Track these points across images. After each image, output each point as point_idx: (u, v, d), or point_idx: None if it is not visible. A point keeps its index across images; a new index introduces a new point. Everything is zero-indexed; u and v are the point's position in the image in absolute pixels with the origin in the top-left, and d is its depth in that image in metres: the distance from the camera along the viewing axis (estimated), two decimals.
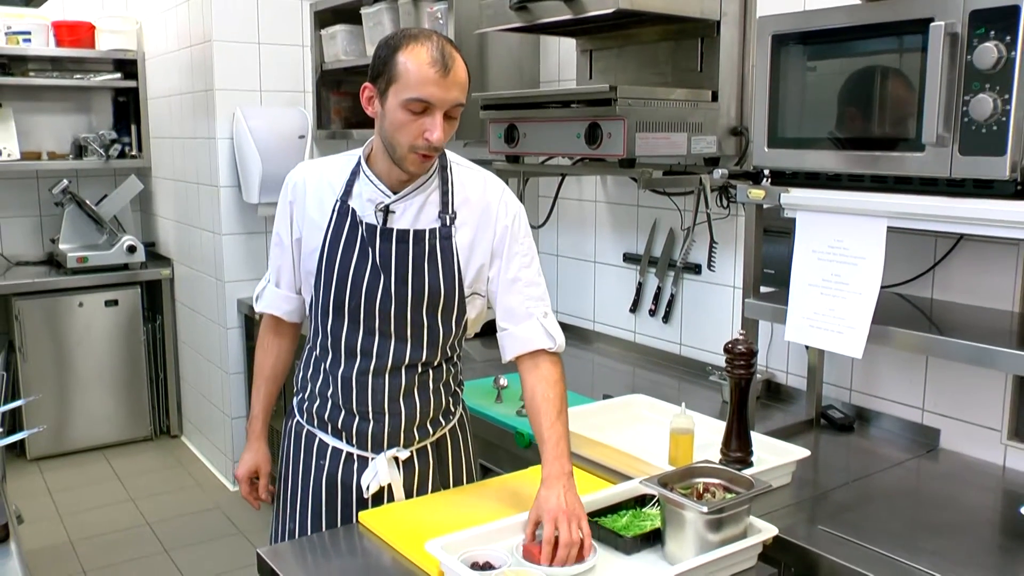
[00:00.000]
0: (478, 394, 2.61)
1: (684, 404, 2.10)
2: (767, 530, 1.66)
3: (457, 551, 1.57)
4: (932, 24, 1.70)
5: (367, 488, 1.87)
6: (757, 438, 2.07)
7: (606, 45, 3.04)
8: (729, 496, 1.65)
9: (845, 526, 1.79)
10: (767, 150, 2.09)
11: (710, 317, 2.95)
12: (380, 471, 1.86)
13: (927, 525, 1.84)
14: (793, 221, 2.07)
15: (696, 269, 2.98)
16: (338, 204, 1.83)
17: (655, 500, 1.76)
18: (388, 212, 1.80)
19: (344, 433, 1.89)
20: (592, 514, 1.73)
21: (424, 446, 1.93)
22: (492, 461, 2.47)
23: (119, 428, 4.93)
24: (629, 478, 1.94)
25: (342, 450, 1.90)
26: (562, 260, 3.56)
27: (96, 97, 5.21)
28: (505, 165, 2.94)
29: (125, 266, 4.85)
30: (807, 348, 2.45)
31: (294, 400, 2.00)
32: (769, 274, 2.47)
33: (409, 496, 1.91)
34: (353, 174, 1.84)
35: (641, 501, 1.81)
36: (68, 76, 4.96)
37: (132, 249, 4.82)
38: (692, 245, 2.98)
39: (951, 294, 2.25)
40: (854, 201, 1.93)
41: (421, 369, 1.87)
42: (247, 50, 4.09)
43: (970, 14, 1.67)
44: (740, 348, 2.00)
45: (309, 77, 4.25)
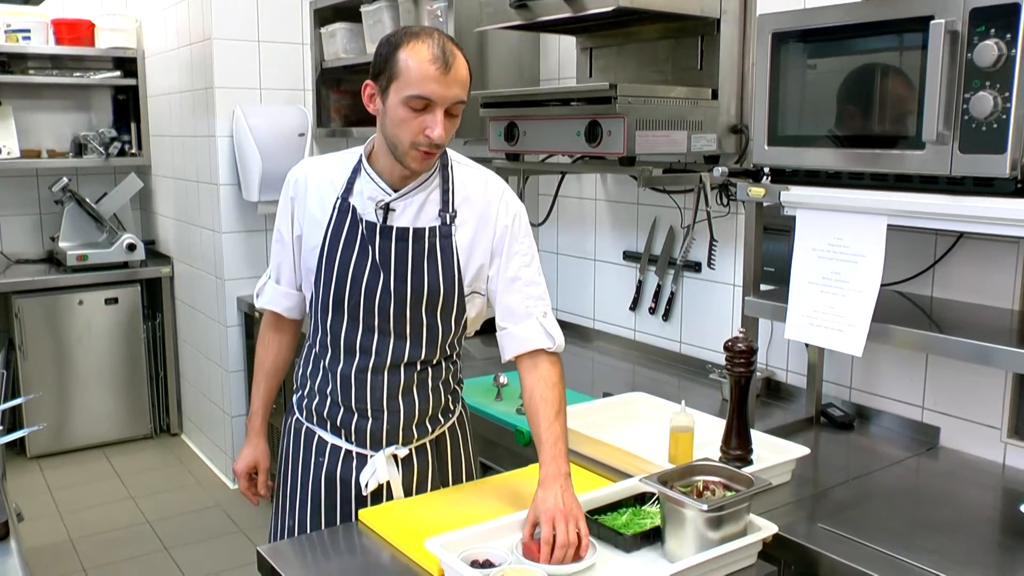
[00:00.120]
0: (478, 392, 2.61)
1: (684, 402, 2.10)
2: (767, 528, 1.66)
3: (457, 549, 1.57)
4: (932, 22, 1.70)
5: (366, 486, 1.87)
6: (757, 436, 2.07)
7: (606, 43, 3.04)
8: (729, 494, 1.65)
9: (845, 524, 1.79)
10: (767, 148, 2.09)
11: (710, 315, 2.95)
12: (379, 469, 1.86)
13: (927, 523, 1.84)
14: (793, 219, 2.07)
15: (696, 267, 2.98)
16: (339, 201, 1.83)
17: (655, 498, 1.76)
18: (388, 210, 1.80)
19: (343, 430, 1.89)
20: (592, 512, 1.74)
21: (423, 444, 1.93)
22: (492, 459, 2.47)
23: (119, 426, 4.94)
24: (629, 476, 1.95)
25: (341, 447, 1.90)
26: (562, 258, 3.56)
27: (96, 95, 5.20)
28: (505, 163, 2.94)
29: (125, 264, 4.85)
30: (807, 346, 2.45)
31: (293, 397, 2.01)
32: (769, 272, 2.48)
33: (408, 494, 1.91)
34: (354, 172, 1.84)
35: (641, 499, 1.81)
36: (68, 74, 4.96)
37: (132, 247, 4.82)
38: (692, 243, 2.98)
39: (951, 292, 2.25)
40: (854, 199, 1.93)
41: (420, 367, 1.87)
42: (247, 48, 4.09)
43: (970, 12, 1.67)
44: (740, 346, 2.00)
45: (309, 75, 4.25)
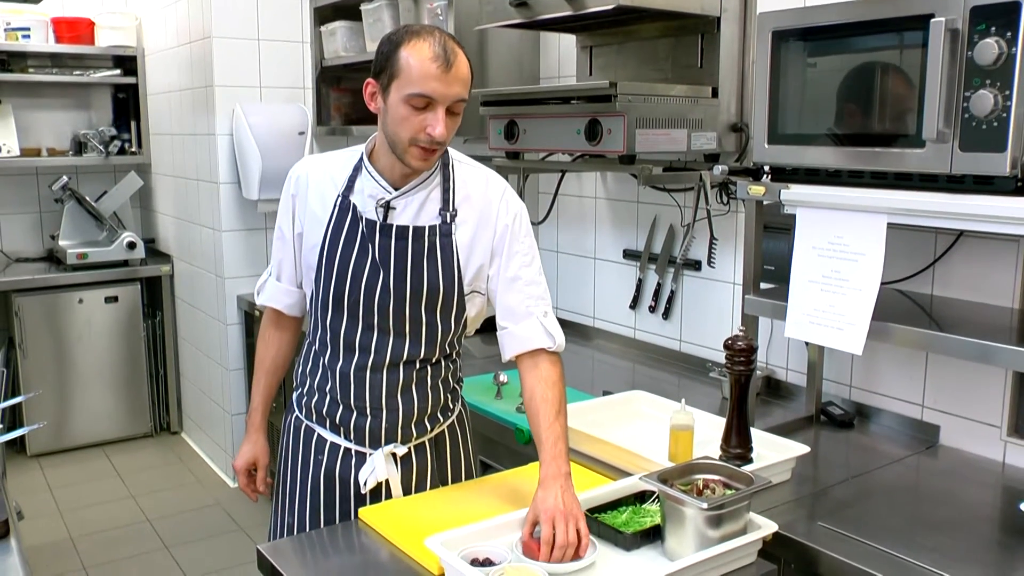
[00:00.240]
0: (478, 390, 2.61)
1: (684, 400, 2.10)
2: (767, 526, 1.66)
3: (457, 547, 1.57)
4: (933, 20, 1.70)
5: (364, 484, 1.87)
6: (757, 434, 2.07)
7: (606, 41, 3.04)
8: (729, 492, 1.65)
9: (845, 522, 1.79)
10: (767, 146, 2.09)
11: (710, 313, 2.95)
12: (377, 467, 1.86)
13: (927, 521, 1.84)
14: (793, 217, 2.07)
15: (696, 265, 2.98)
16: (340, 199, 1.83)
17: (655, 496, 1.76)
18: (389, 208, 1.80)
19: (342, 428, 1.89)
20: (592, 510, 1.73)
21: (422, 443, 1.93)
22: (492, 457, 2.47)
23: (119, 424, 4.94)
24: (629, 474, 1.95)
25: (340, 446, 1.90)
26: (562, 256, 3.56)
27: (96, 93, 5.20)
28: (505, 161, 2.93)
29: (125, 262, 4.85)
30: (807, 344, 2.45)
31: (293, 395, 2.01)
32: (769, 270, 2.48)
33: (407, 492, 1.91)
34: (355, 170, 1.84)
35: (641, 497, 1.81)
36: (68, 72, 4.96)
37: (132, 245, 4.82)
38: (692, 241, 2.98)
39: (951, 290, 2.25)
40: (854, 197, 1.93)
41: (419, 365, 1.87)
42: (247, 46, 4.09)
43: (971, 10, 1.67)
44: (740, 344, 2.00)
45: (309, 73, 4.25)
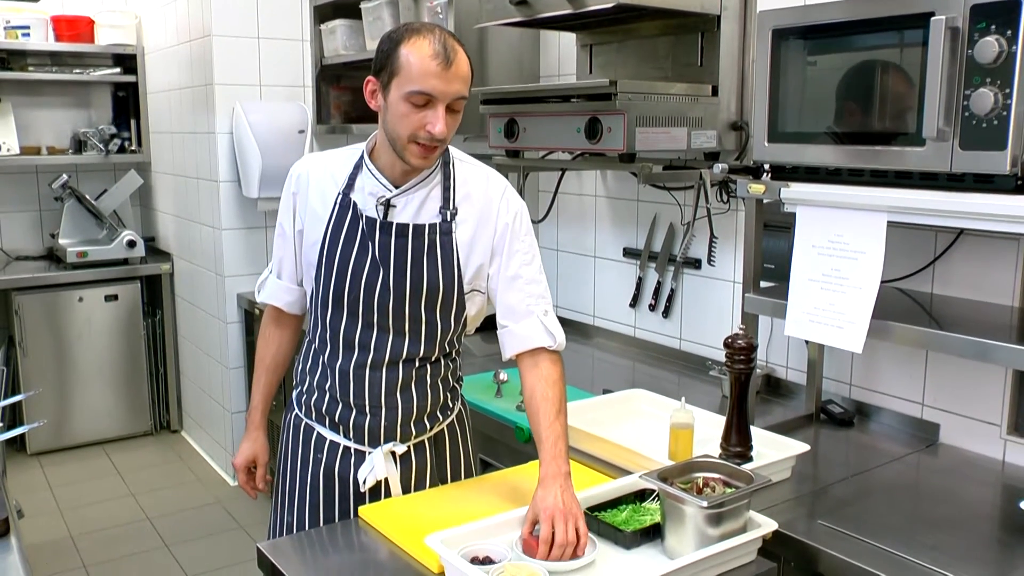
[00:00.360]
0: (478, 389, 2.61)
1: (684, 399, 2.10)
2: (767, 524, 1.66)
3: (457, 545, 1.57)
4: (933, 18, 1.70)
5: (363, 482, 1.87)
6: (757, 433, 2.07)
7: (606, 40, 3.03)
8: (729, 491, 1.65)
9: (845, 521, 1.79)
10: (767, 145, 2.09)
11: (710, 312, 2.95)
12: (377, 466, 1.86)
13: (926, 520, 1.84)
14: (793, 216, 2.07)
15: (696, 264, 2.98)
16: (340, 197, 1.83)
17: (655, 495, 1.76)
18: (389, 206, 1.80)
19: (341, 427, 1.89)
20: (592, 508, 1.73)
21: (422, 441, 1.93)
22: (492, 456, 2.47)
23: (119, 423, 4.94)
24: (629, 473, 1.95)
25: (339, 444, 1.90)
26: (562, 255, 3.56)
27: (95, 92, 5.19)
28: (505, 160, 2.93)
29: (125, 261, 4.85)
30: (807, 343, 2.45)
31: (293, 393, 2.01)
32: (769, 269, 2.47)
33: (407, 491, 1.91)
34: (356, 167, 1.84)
35: (641, 496, 1.81)
36: (67, 71, 4.96)
37: (132, 244, 4.82)
38: (692, 240, 2.98)
39: (951, 289, 2.25)
40: (854, 196, 1.93)
41: (419, 364, 1.87)
42: (247, 45, 4.09)
43: (971, 8, 1.67)
44: (740, 343, 2.00)
45: (309, 72, 4.24)
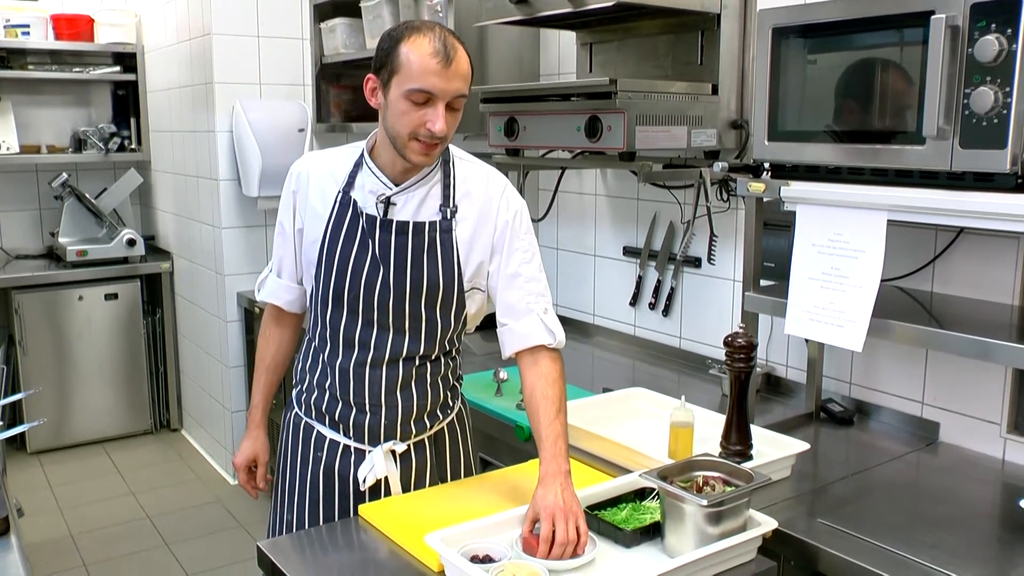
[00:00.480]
0: (478, 387, 2.61)
1: (684, 397, 2.10)
2: (767, 523, 1.66)
3: (457, 544, 1.57)
4: (933, 17, 1.70)
5: (363, 481, 1.87)
6: (757, 431, 2.07)
7: (606, 38, 3.03)
8: (729, 489, 1.65)
9: (844, 519, 1.79)
10: (767, 143, 2.09)
11: (710, 310, 2.95)
12: (376, 464, 1.86)
13: (926, 518, 1.84)
14: (793, 214, 2.07)
15: (696, 262, 2.98)
16: (340, 195, 1.83)
17: (655, 493, 1.76)
18: (389, 204, 1.80)
19: (341, 425, 1.89)
20: (592, 507, 1.73)
21: (421, 440, 1.93)
22: (492, 454, 2.47)
23: (119, 421, 4.94)
24: (629, 471, 1.95)
25: (339, 442, 1.90)
26: (562, 253, 3.56)
27: (95, 90, 5.19)
28: (505, 158, 2.93)
29: (125, 259, 4.85)
30: (807, 341, 2.45)
31: (293, 392, 2.01)
32: (769, 267, 2.47)
33: (407, 490, 1.91)
34: (356, 166, 1.84)
35: (641, 494, 1.81)
36: (67, 69, 4.95)
37: (132, 242, 4.82)
38: (692, 238, 2.98)
39: (951, 288, 2.25)
40: (854, 194, 1.93)
41: (419, 362, 1.87)
42: (247, 43, 4.08)
43: (971, 7, 1.67)
44: (740, 341, 2.00)
45: (309, 70, 4.24)
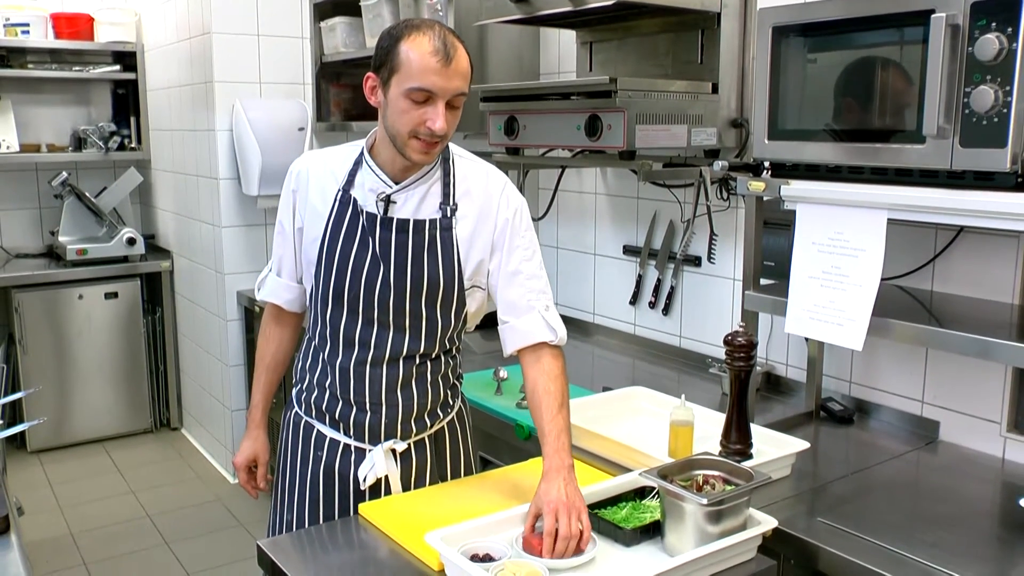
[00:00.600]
0: (478, 386, 2.61)
1: (684, 396, 2.10)
2: (766, 522, 1.66)
3: (457, 543, 1.57)
4: (933, 16, 1.70)
5: (363, 480, 1.87)
6: (757, 430, 2.07)
7: (606, 37, 3.03)
8: (729, 488, 1.65)
9: (844, 518, 1.79)
10: (767, 142, 2.09)
11: (710, 309, 2.95)
12: (377, 463, 1.86)
13: (926, 517, 1.84)
14: (793, 213, 2.07)
15: (696, 261, 2.98)
16: (340, 193, 1.83)
17: (655, 492, 1.76)
18: (389, 202, 1.80)
19: (341, 424, 1.89)
20: (592, 506, 1.73)
21: (422, 439, 1.93)
22: (492, 453, 2.47)
23: (119, 420, 4.94)
24: (629, 470, 1.95)
25: (339, 441, 1.90)
26: (562, 252, 3.56)
27: (95, 89, 5.19)
28: (505, 157, 2.93)
29: (125, 258, 4.85)
30: (807, 340, 2.45)
31: (293, 391, 2.01)
32: (769, 266, 2.47)
33: (407, 489, 1.91)
34: (356, 164, 1.84)
35: (641, 493, 1.81)
36: (67, 68, 4.95)
37: (132, 241, 4.81)
38: (692, 237, 2.98)
39: (951, 286, 2.25)
40: (854, 193, 1.93)
41: (419, 361, 1.87)
42: (246, 42, 4.08)
43: (971, 6, 1.67)
44: (740, 340, 2.00)
45: (309, 69, 4.24)
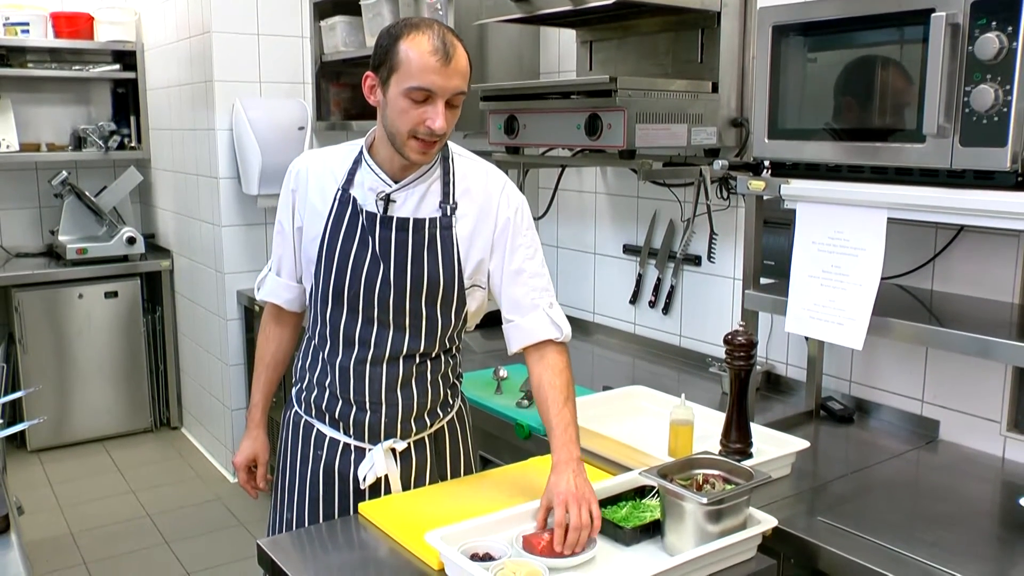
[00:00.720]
0: (478, 385, 2.61)
1: (684, 395, 2.10)
2: (766, 521, 1.66)
3: (457, 542, 1.57)
4: (933, 15, 1.70)
5: (363, 479, 1.87)
6: (757, 429, 2.07)
7: (606, 36, 3.03)
8: (728, 487, 1.65)
9: (844, 517, 1.79)
10: (767, 141, 2.09)
11: (710, 308, 2.95)
12: (377, 462, 1.86)
13: (926, 516, 1.84)
14: (793, 212, 2.07)
15: (696, 260, 2.98)
16: (340, 193, 1.83)
17: (655, 491, 1.76)
18: (389, 201, 1.80)
19: (341, 423, 1.89)
20: None
21: (421, 438, 1.93)
22: (492, 452, 2.47)
23: (119, 420, 4.94)
24: (629, 469, 1.95)
25: (339, 441, 1.90)
26: (562, 251, 3.56)
27: (95, 88, 5.19)
28: (505, 156, 2.93)
29: (125, 257, 4.85)
30: (807, 339, 2.45)
31: (292, 390, 2.01)
32: (769, 265, 2.47)
33: (407, 488, 1.91)
34: (355, 163, 1.84)
35: (641, 492, 1.81)
36: (67, 67, 4.95)
37: (132, 241, 4.81)
38: (692, 236, 2.98)
39: (951, 285, 2.25)
40: (854, 192, 1.93)
41: (419, 360, 1.87)
42: (246, 41, 4.08)
43: (971, 5, 1.66)
44: (740, 339, 2.00)
45: (309, 68, 4.24)
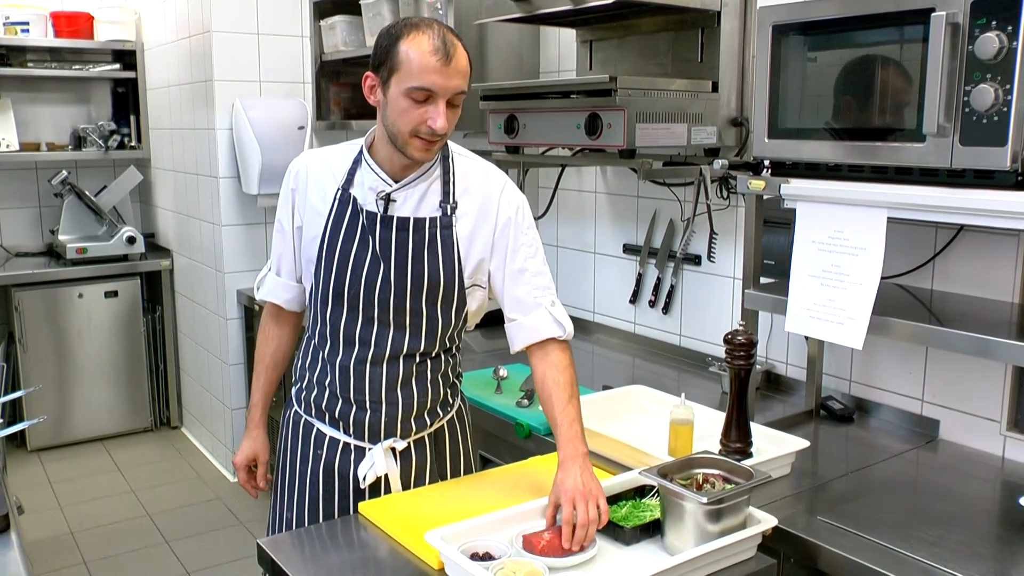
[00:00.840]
0: (478, 385, 2.61)
1: (684, 395, 2.10)
2: (766, 520, 1.66)
3: (457, 541, 1.57)
4: (933, 14, 1.70)
5: (363, 479, 1.87)
6: (756, 429, 2.07)
7: (606, 35, 3.03)
8: (728, 487, 1.65)
9: (844, 517, 1.80)
10: (767, 141, 2.09)
11: (710, 308, 2.95)
12: (376, 462, 1.86)
13: (926, 516, 1.84)
14: (793, 212, 2.07)
15: (696, 260, 2.98)
16: (340, 192, 1.83)
17: (654, 491, 1.76)
18: (389, 200, 1.80)
19: (341, 423, 1.89)
20: None
21: (421, 438, 1.93)
22: (492, 452, 2.47)
23: (119, 419, 4.94)
24: (629, 469, 1.95)
25: (339, 440, 1.91)
26: (562, 251, 3.56)
27: (95, 88, 5.19)
28: (505, 156, 2.93)
29: (125, 257, 4.85)
30: (807, 339, 2.45)
31: (292, 390, 2.01)
32: (769, 265, 2.48)
33: (407, 487, 1.91)
34: (355, 163, 1.84)
35: (641, 492, 1.81)
36: (67, 67, 4.95)
37: (132, 240, 4.81)
38: (692, 236, 2.98)
39: (951, 285, 2.25)
40: (854, 192, 1.93)
41: (419, 359, 1.87)
42: (246, 41, 4.08)
43: (971, 4, 1.66)
44: (740, 339, 2.00)
45: (309, 68, 4.24)
